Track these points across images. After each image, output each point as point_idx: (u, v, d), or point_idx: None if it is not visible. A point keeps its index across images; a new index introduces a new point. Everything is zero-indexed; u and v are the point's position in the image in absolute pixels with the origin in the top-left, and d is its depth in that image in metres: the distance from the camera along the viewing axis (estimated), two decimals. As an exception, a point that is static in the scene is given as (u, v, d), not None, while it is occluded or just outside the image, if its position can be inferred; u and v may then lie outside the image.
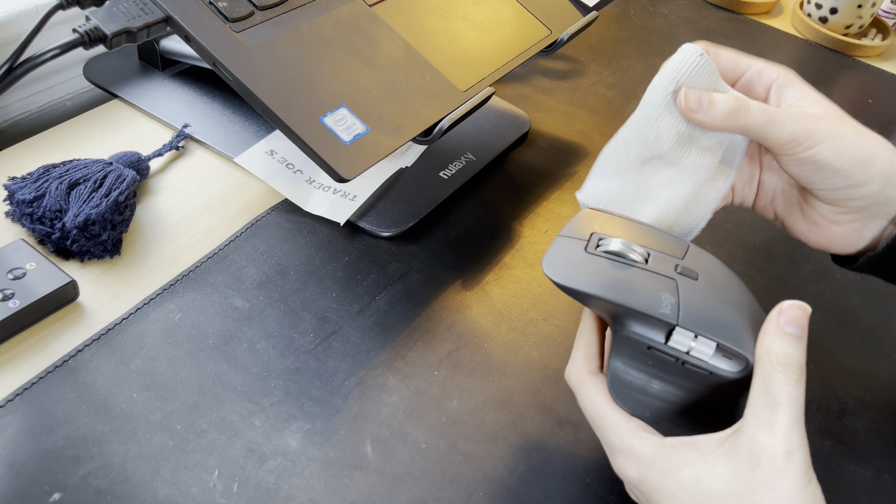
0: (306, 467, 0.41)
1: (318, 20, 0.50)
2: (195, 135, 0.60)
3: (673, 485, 0.33)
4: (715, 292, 0.36)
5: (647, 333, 0.35)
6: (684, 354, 0.35)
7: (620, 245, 0.37)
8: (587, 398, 0.38)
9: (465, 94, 0.53)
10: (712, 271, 0.37)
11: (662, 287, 0.35)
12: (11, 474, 0.39)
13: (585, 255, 0.37)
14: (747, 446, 0.32)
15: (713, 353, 0.34)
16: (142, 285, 0.49)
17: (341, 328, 0.49)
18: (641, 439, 0.35)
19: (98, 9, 0.43)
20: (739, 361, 0.34)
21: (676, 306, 0.34)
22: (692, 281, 0.36)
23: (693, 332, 0.34)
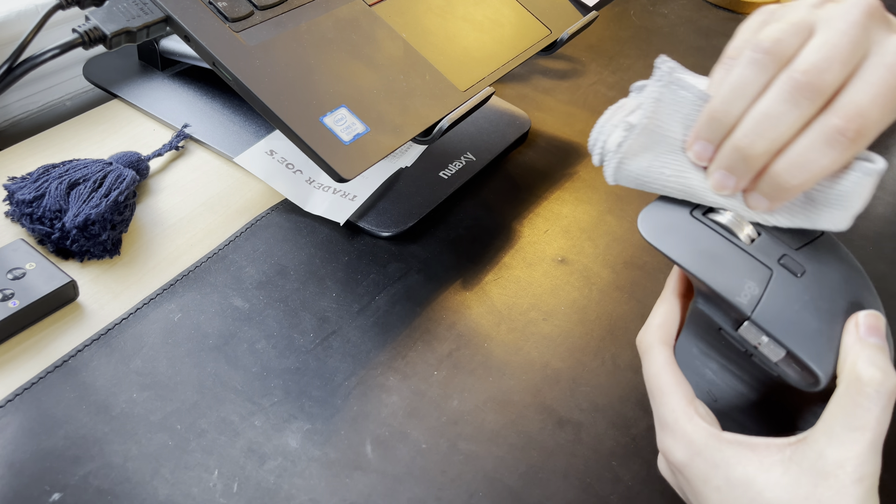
0: (306, 467, 0.41)
1: (318, 20, 0.50)
2: (195, 135, 0.60)
3: (720, 480, 0.32)
4: (815, 295, 0.32)
5: (720, 314, 0.33)
6: (752, 348, 0.33)
7: (730, 218, 0.34)
8: (653, 367, 0.36)
9: (465, 93, 0.53)
10: (829, 271, 0.33)
11: (752, 273, 0.32)
12: (11, 474, 0.39)
13: (689, 218, 0.34)
14: (812, 461, 0.30)
15: (782, 358, 0.32)
16: (142, 285, 0.49)
17: (341, 328, 0.49)
18: (697, 425, 0.33)
19: (98, 9, 0.43)
20: (810, 376, 0.32)
21: (757, 298, 0.32)
22: (792, 276, 0.33)
23: (764, 330, 0.32)
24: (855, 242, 0.62)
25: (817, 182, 0.32)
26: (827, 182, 0.32)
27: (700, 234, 0.34)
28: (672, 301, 0.38)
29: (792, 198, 0.32)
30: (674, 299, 0.38)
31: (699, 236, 0.34)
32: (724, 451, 0.32)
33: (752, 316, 0.32)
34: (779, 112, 0.31)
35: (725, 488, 0.32)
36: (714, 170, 0.33)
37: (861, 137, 0.31)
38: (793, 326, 0.32)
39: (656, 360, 0.36)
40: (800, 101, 0.30)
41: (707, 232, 0.34)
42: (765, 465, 0.31)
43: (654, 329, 0.37)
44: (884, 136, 0.79)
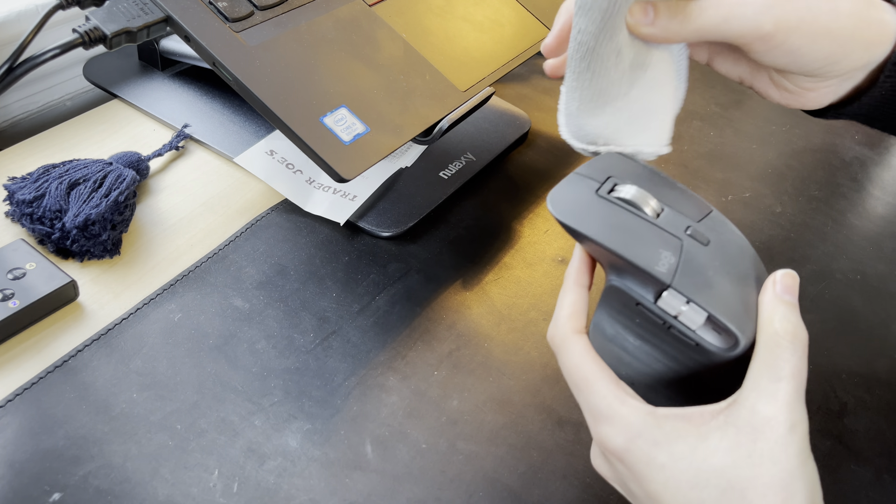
0: (306, 467, 0.41)
1: (318, 20, 0.50)
2: (195, 135, 0.60)
3: (664, 457, 0.32)
4: (723, 262, 0.34)
5: (637, 288, 0.34)
6: (672, 318, 0.33)
7: (634, 193, 0.35)
8: (572, 359, 0.35)
9: (465, 94, 0.53)
10: (727, 240, 0.35)
11: (665, 244, 0.33)
12: (11, 474, 0.39)
13: (595, 197, 0.35)
14: (747, 419, 0.31)
15: (702, 324, 0.33)
16: (142, 285, 0.49)
17: (341, 328, 0.49)
18: (630, 407, 0.33)
19: (98, 9, 0.43)
20: (729, 338, 0.33)
21: (675, 267, 0.33)
22: (700, 245, 0.34)
23: (685, 296, 0.32)
24: (855, 242, 0.62)
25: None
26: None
27: (609, 211, 0.35)
28: (576, 290, 0.37)
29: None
30: (578, 288, 0.37)
31: (609, 213, 0.35)
32: (662, 427, 0.32)
33: (672, 284, 0.32)
34: None
35: (671, 464, 0.32)
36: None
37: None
38: (710, 291, 0.33)
39: (574, 350, 0.35)
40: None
41: (615, 209, 0.35)
42: (702, 433, 0.32)
43: (564, 321, 0.36)
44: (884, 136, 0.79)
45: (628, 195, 0.35)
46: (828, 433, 0.48)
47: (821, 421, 0.48)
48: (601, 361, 0.35)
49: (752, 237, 0.62)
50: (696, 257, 0.33)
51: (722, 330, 0.33)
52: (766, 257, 0.60)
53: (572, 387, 0.36)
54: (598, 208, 0.35)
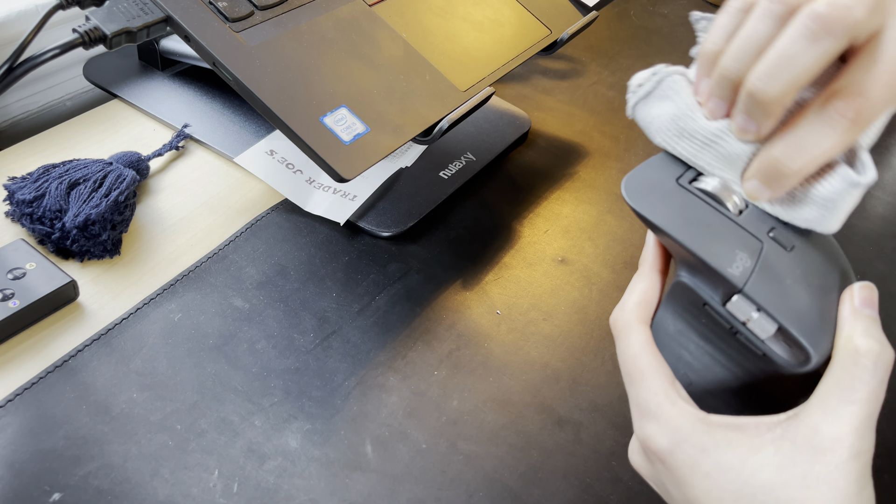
0: (306, 467, 0.41)
1: (318, 20, 0.50)
2: (195, 135, 0.60)
3: (710, 465, 0.30)
4: (805, 270, 0.31)
5: (707, 288, 0.32)
6: (740, 324, 0.31)
7: (717, 185, 0.32)
8: (631, 348, 0.34)
9: (465, 93, 0.53)
10: (815, 247, 0.32)
11: (743, 245, 0.31)
12: (11, 474, 0.39)
13: (675, 185, 0.33)
14: (807, 437, 0.29)
15: (772, 335, 0.30)
16: (142, 285, 0.49)
17: (341, 328, 0.49)
18: (682, 409, 0.31)
19: (98, 9, 0.43)
20: (800, 353, 0.30)
21: (750, 270, 0.30)
22: (782, 250, 0.31)
23: (756, 303, 0.30)
24: (855, 242, 0.62)
25: (816, 167, 0.30)
26: (811, 182, 0.31)
27: (688, 202, 0.32)
28: (651, 277, 0.35)
29: (791, 185, 0.31)
30: (653, 275, 0.35)
31: (687, 204, 0.32)
32: (713, 435, 0.30)
33: (744, 288, 0.30)
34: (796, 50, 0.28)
35: (715, 473, 0.30)
36: (709, 103, 0.32)
37: (861, 118, 0.29)
38: (785, 301, 0.30)
39: (635, 340, 0.34)
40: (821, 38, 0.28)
41: (694, 200, 0.32)
42: (755, 445, 0.30)
43: (631, 307, 0.35)
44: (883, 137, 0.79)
45: (710, 187, 0.32)
46: (828, 433, 0.48)
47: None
48: (660, 357, 0.33)
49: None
50: (776, 262, 0.31)
51: (793, 344, 0.30)
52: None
53: (625, 376, 0.34)
54: (675, 198, 0.32)
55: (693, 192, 0.33)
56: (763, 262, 0.31)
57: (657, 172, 0.33)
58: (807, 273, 0.31)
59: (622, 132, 0.71)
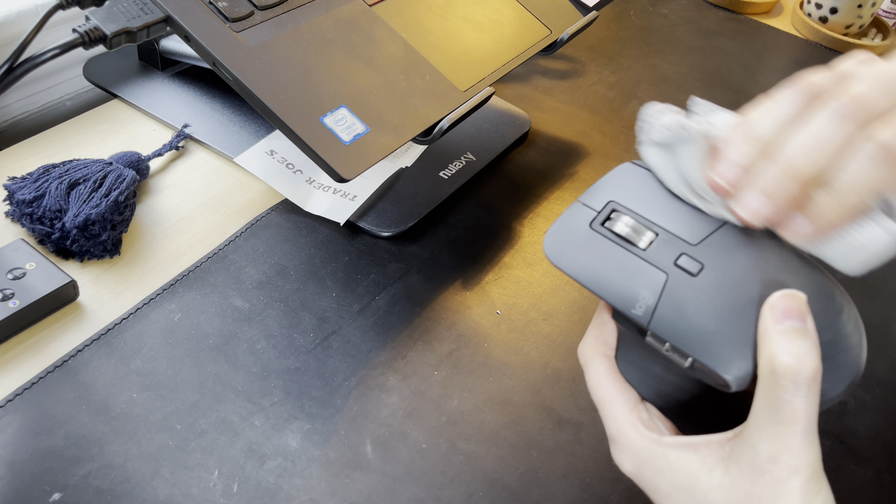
0: (306, 467, 0.41)
1: (318, 20, 0.50)
2: (195, 135, 0.60)
3: (668, 486, 0.32)
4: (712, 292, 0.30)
5: (628, 326, 0.33)
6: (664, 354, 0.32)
7: (624, 225, 0.33)
8: (593, 379, 0.36)
9: (465, 94, 0.53)
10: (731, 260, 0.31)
11: (647, 282, 0.31)
12: (11, 474, 0.39)
13: (588, 231, 0.33)
14: (749, 458, 0.30)
15: (689, 366, 0.31)
16: (142, 285, 0.49)
17: (341, 328, 0.49)
18: (639, 433, 0.33)
19: (98, 9, 0.43)
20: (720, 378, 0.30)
21: (651, 308, 0.30)
22: (688, 277, 0.31)
23: (664, 339, 0.31)
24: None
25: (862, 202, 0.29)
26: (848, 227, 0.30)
27: (598, 247, 0.33)
28: (603, 314, 0.37)
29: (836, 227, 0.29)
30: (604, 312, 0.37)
31: (598, 249, 0.33)
32: (667, 457, 0.32)
33: (649, 327, 0.31)
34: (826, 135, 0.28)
35: (675, 494, 0.32)
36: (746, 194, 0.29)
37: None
38: (690, 332, 0.30)
39: (596, 371, 0.36)
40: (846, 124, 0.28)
41: (604, 243, 0.33)
42: (707, 464, 0.31)
43: (590, 342, 0.37)
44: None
45: (618, 228, 0.33)
46: (828, 433, 0.48)
47: (821, 421, 0.48)
48: (622, 383, 0.35)
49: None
50: (680, 293, 0.31)
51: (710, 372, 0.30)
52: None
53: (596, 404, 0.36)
54: (587, 245, 0.33)
55: (603, 234, 0.33)
56: (665, 296, 0.31)
57: (574, 219, 0.34)
58: (714, 295, 0.30)
59: (622, 132, 0.71)
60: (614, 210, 0.33)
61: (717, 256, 0.31)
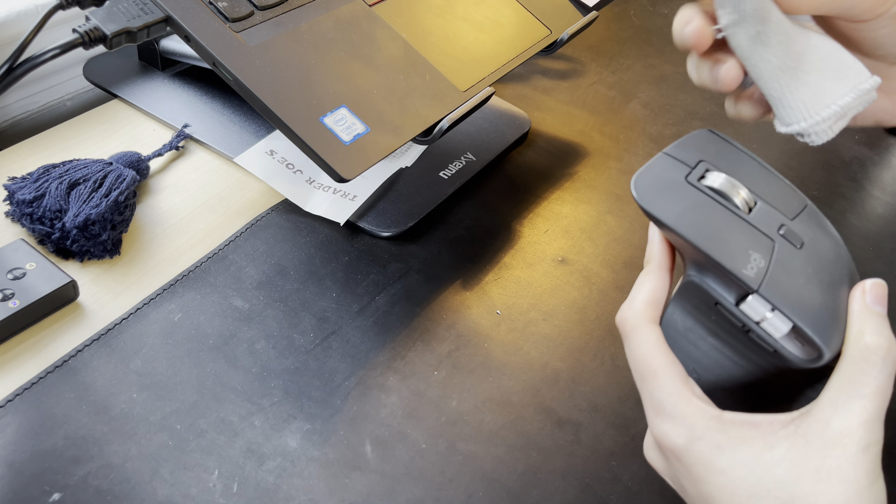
0: (306, 467, 0.41)
1: (318, 20, 0.50)
2: (195, 135, 0.60)
3: (725, 462, 0.31)
4: (816, 267, 0.31)
5: (719, 289, 0.32)
6: (753, 324, 0.31)
7: (725, 183, 0.32)
8: (642, 348, 0.33)
9: (465, 94, 0.53)
10: (822, 243, 0.32)
11: (756, 245, 0.31)
12: (11, 474, 0.39)
13: (684, 183, 0.33)
14: (819, 433, 0.29)
15: (786, 334, 0.31)
16: (142, 285, 0.49)
17: (341, 328, 0.49)
18: (697, 407, 0.32)
19: (98, 9, 0.43)
20: (813, 350, 0.31)
21: (764, 271, 0.30)
22: (793, 248, 0.32)
23: (771, 303, 0.30)
24: (855, 242, 0.62)
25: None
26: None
27: (698, 202, 0.32)
28: (660, 275, 0.35)
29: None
30: (662, 273, 0.35)
31: (698, 203, 0.32)
32: (728, 432, 0.31)
33: (759, 289, 0.30)
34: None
35: (731, 470, 0.31)
36: None
37: None
38: (799, 300, 0.31)
39: (646, 339, 0.34)
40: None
41: (705, 199, 0.32)
42: (769, 441, 0.30)
43: (641, 306, 0.34)
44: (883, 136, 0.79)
45: (719, 185, 0.33)
46: (827, 433, 0.48)
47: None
48: (672, 355, 0.33)
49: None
50: (789, 261, 0.31)
51: (806, 341, 0.31)
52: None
53: (636, 376, 0.34)
54: (685, 197, 0.32)
55: (703, 189, 0.33)
56: (776, 261, 0.31)
57: (665, 171, 0.33)
58: (817, 270, 0.31)
59: (622, 132, 0.71)
60: (708, 169, 0.33)
61: (812, 234, 0.32)
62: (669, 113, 0.75)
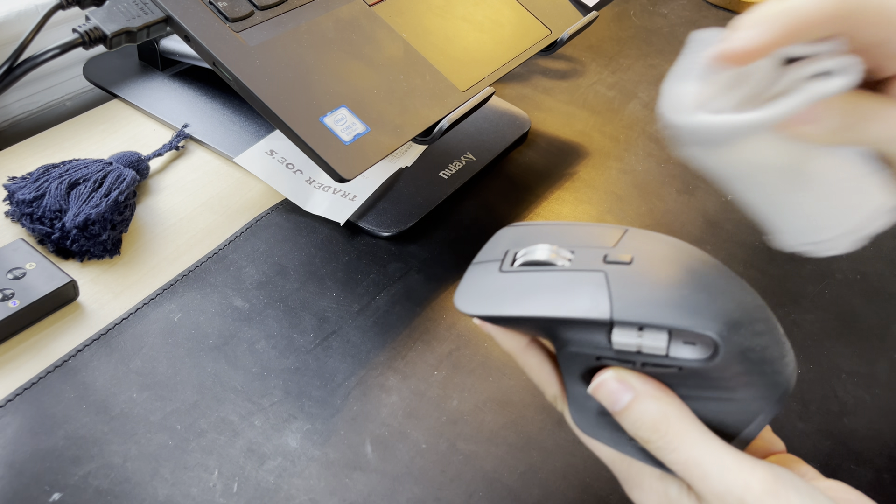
0: (306, 467, 0.41)
1: (318, 20, 0.50)
2: (195, 135, 0.60)
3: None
4: (654, 270, 0.30)
5: (588, 342, 0.30)
6: (636, 355, 0.29)
7: (535, 251, 0.32)
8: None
9: (465, 93, 0.53)
10: (650, 248, 0.31)
11: (589, 283, 0.30)
12: (11, 474, 0.39)
13: (500, 274, 0.32)
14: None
15: (668, 343, 0.28)
16: (142, 285, 0.49)
17: (341, 328, 0.49)
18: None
19: (98, 9, 0.43)
20: (705, 344, 0.28)
21: (608, 300, 0.29)
22: (623, 267, 0.30)
23: (635, 323, 0.29)
24: (855, 242, 0.62)
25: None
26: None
27: (520, 280, 0.31)
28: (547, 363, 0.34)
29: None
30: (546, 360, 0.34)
31: (521, 282, 0.31)
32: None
33: (614, 317, 0.29)
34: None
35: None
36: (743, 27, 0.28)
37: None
38: (654, 305, 0.29)
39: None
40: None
41: (527, 276, 0.31)
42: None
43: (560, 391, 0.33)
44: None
45: (533, 256, 0.32)
46: (828, 433, 0.48)
47: (821, 421, 0.48)
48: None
49: (751, 236, 0.62)
50: (625, 279, 0.29)
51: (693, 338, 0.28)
52: (766, 257, 0.60)
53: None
54: (508, 284, 0.32)
55: (519, 270, 0.32)
56: (613, 285, 0.29)
57: (480, 277, 0.33)
58: (658, 270, 0.30)
59: (622, 132, 0.71)
60: (517, 252, 0.33)
61: (638, 246, 0.31)
62: (669, 113, 0.75)
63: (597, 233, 0.32)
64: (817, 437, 0.47)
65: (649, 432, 0.29)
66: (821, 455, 0.46)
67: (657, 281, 0.29)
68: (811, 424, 0.48)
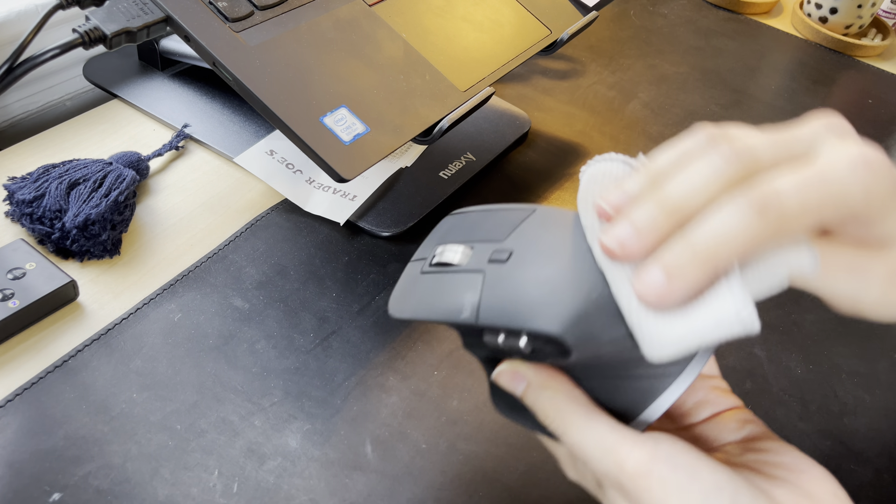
0: (306, 467, 0.41)
1: (318, 20, 0.50)
2: (195, 135, 0.60)
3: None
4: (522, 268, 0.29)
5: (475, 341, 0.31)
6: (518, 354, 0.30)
7: (442, 252, 0.33)
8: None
9: (465, 94, 0.53)
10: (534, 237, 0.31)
11: (467, 286, 0.30)
12: (11, 474, 0.39)
13: (419, 276, 0.33)
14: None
15: (529, 344, 0.29)
16: (142, 285, 0.49)
17: (341, 328, 0.49)
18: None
19: (98, 9, 0.43)
20: (551, 339, 0.28)
21: (476, 304, 0.29)
22: (499, 266, 0.30)
23: (497, 327, 0.29)
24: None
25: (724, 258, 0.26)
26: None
27: (427, 283, 0.32)
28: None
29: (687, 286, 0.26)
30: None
31: (426, 285, 0.32)
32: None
33: (478, 322, 0.29)
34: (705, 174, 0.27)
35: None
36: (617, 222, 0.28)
37: (771, 214, 0.26)
38: (511, 308, 0.29)
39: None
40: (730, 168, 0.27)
41: (431, 278, 0.32)
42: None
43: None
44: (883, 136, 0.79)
45: (438, 258, 0.33)
46: (828, 433, 0.48)
47: (821, 421, 0.48)
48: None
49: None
50: (497, 281, 0.30)
51: (542, 339, 0.28)
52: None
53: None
54: (419, 287, 0.33)
55: (429, 271, 0.33)
56: (485, 289, 0.30)
57: (408, 277, 0.34)
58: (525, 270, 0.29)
59: (622, 132, 0.71)
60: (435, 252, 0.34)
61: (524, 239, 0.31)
62: (669, 113, 0.75)
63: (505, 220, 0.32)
64: (817, 437, 0.47)
65: (543, 419, 0.30)
66: (821, 455, 0.46)
67: (520, 281, 0.29)
68: (811, 424, 0.48)
